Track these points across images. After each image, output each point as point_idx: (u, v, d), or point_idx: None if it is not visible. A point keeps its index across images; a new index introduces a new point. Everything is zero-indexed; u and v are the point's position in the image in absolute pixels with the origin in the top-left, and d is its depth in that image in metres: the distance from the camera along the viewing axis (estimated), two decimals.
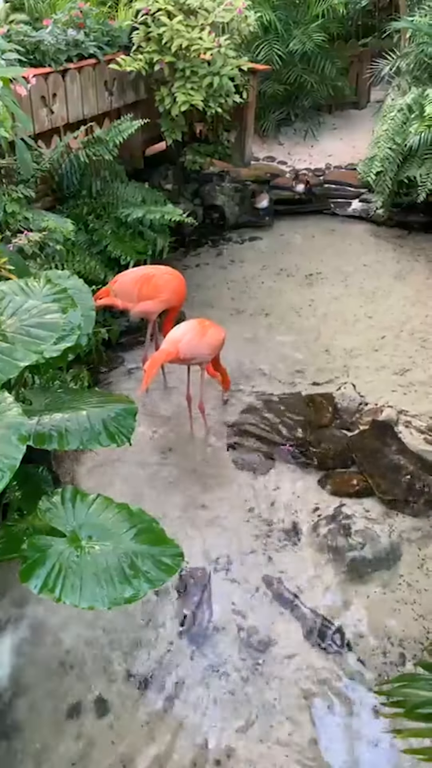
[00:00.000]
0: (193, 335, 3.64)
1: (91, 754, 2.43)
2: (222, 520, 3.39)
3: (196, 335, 3.65)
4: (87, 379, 3.92)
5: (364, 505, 3.48)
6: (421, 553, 3.23)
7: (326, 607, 2.95)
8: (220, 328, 3.82)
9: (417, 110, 5.70)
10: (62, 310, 2.43)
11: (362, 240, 6.40)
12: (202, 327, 3.71)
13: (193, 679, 2.67)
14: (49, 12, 5.11)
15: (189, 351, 3.62)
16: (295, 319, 5.15)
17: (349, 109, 8.24)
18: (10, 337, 2.24)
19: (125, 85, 5.34)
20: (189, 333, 3.65)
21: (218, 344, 3.76)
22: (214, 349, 3.75)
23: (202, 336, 3.66)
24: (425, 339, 4.87)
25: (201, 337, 3.65)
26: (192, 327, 3.70)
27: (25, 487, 2.68)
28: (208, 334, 3.69)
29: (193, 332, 3.65)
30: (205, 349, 3.68)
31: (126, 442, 2.47)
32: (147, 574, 2.10)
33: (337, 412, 4.11)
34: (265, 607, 2.95)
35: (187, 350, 3.61)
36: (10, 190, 4.06)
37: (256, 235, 6.47)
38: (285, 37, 7.07)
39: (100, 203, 4.92)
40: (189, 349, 3.62)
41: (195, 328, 3.68)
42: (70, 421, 2.48)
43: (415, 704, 1.76)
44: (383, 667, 2.72)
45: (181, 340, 3.62)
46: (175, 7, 5.04)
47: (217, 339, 3.73)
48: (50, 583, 2.02)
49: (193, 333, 3.65)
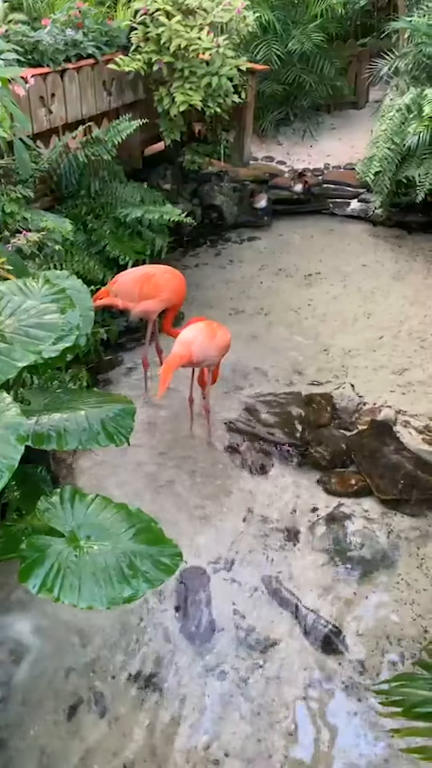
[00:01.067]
0: (204, 338, 3.60)
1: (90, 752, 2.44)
2: (221, 520, 3.39)
3: (207, 337, 3.60)
4: (86, 379, 3.92)
5: (363, 505, 3.48)
6: (419, 552, 3.23)
7: (325, 607, 2.96)
8: (226, 329, 3.81)
9: (415, 110, 5.70)
10: (61, 311, 2.43)
11: (361, 240, 6.41)
12: (211, 329, 3.67)
13: (193, 678, 2.67)
14: (47, 12, 5.11)
15: (201, 353, 3.58)
16: (293, 319, 5.15)
17: (348, 109, 8.24)
18: (8, 338, 2.24)
19: (124, 85, 5.34)
20: (200, 335, 3.60)
21: (226, 346, 3.73)
22: (222, 351, 3.72)
23: (213, 338, 3.63)
24: (424, 339, 4.88)
25: (212, 339, 3.62)
26: (202, 329, 3.65)
27: (23, 487, 2.68)
28: (218, 336, 3.66)
29: (204, 335, 3.61)
30: (215, 351, 3.65)
31: (124, 442, 2.47)
32: (146, 574, 2.10)
33: (336, 412, 4.11)
34: (264, 607, 2.96)
35: (200, 353, 3.57)
36: (8, 190, 4.06)
37: (255, 235, 6.47)
38: (284, 37, 7.07)
39: (98, 203, 4.92)
40: (201, 351, 3.57)
41: (205, 331, 3.64)
42: (68, 421, 2.48)
43: (413, 703, 1.76)
44: (382, 667, 2.72)
45: (193, 342, 3.57)
46: (173, 7, 5.03)
47: (225, 341, 3.70)
48: (49, 582, 2.02)
49: (204, 335, 3.61)
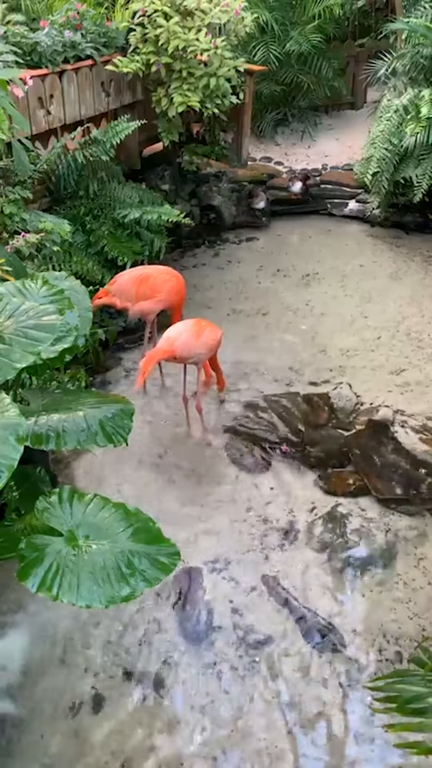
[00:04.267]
0: (189, 335, 3.67)
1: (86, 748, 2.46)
2: (219, 519, 3.41)
3: (192, 335, 3.68)
4: (84, 379, 3.93)
5: (360, 504, 3.50)
6: (417, 551, 3.25)
7: (323, 606, 2.97)
8: (217, 327, 3.85)
9: (413, 111, 5.72)
10: (59, 312, 2.44)
11: (359, 240, 6.43)
12: (199, 327, 3.74)
13: (191, 676, 2.69)
14: (46, 13, 5.12)
15: (185, 350, 3.65)
16: (291, 319, 5.17)
17: (346, 110, 8.27)
18: (7, 339, 2.25)
19: (122, 86, 5.36)
20: (185, 332, 3.68)
21: (214, 344, 3.79)
22: (210, 349, 3.78)
23: (198, 336, 3.69)
24: (421, 339, 4.90)
25: (197, 337, 3.68)
26: (188, 327, 3.73)
27: (22, 487, 2.70)
28: (205, 334, 3.71)
29: (190, 332, 3.69)
30: (202, 348, 3.71)
31: (123, 442, 2.49)
32: (143, 573, 2.12)
33: (334, 411, 4.13)
34: (262, 606, 2.97)
35: (183, 349, 3.64)
36: (7, 191, 4.07)
37: (253, 236, 6.49)
38: (281, 38, 7.10)
39: (97, 204, 4.93)
40: (185, 348, 3.65)
41: (191, 328, 3.71)
42: (67, 421, 2.49)
43: (407, 699, 1.79)
44: (379, 665, 2.74)
45: (177, 338, 3.65)
46: (171, 8, 5.05)
47: (213, 339, 3.76)
48: (48, 581, 2.04)
49: (190, 333, 3.68)
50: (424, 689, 1.84)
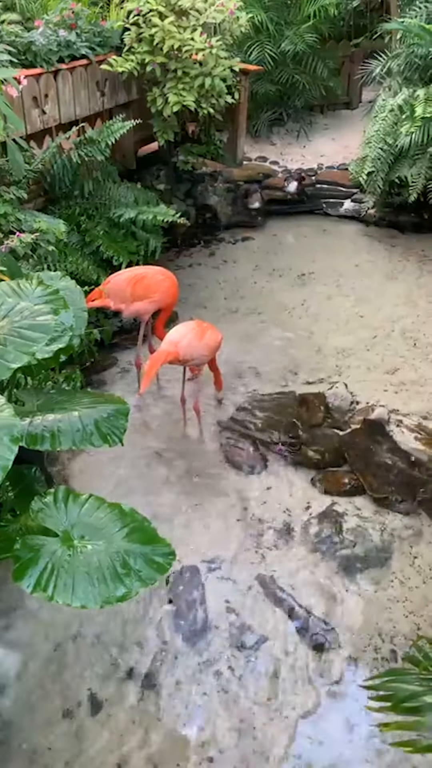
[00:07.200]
0: (192, 337, 3.67)
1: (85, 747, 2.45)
2: (215, 519, 3.41)
3: (195, 337, 3.68)
4: (79, 379, 3.93)
5: (356, 504, 3.51)
6: (412, 551, 3.26)
7: (318, 605, 2.98)
8: (217, 330, 3.86)
9: (408, 111, 5.73)
10: (54, 312, 2.44)
11: (354, 240, 6.44)
12: (201, 328, 3.74)
13: (188, 676, 2.69)
14: (40, 12, 5.12)
15: (188, 352, 3.65)
16: (287, 319, 5.17)
17: (341, 110, 8.28)
18: (2, 339, 2.25)
19: (117, 86, 5.35)
20: (188, 334, 3.68)
21: (216, 346, 3.80)
22: (212, 351, 3.79)
23: (201, 337, 3.70)
24: (416, 338, 4.91)
25: (200, 339, 3.69)
26: (191, 328, 3.73)
27: (18, 487, 2.69)
28: (207, 336, 3.72)
29: (193, 334, 3.69)
30: (204, 350, 3.71)
31: (118, 442, 2.49)
32: (139, 573, 2.12)
33: (329, 411, 4.13)
34: (258, 605, 2.98)
35: (187, 351, 3.64)
36: (2, 191, 4.07)
37: (249, 235, 6.49)
38: (277, 38, 7.10)
39: (92, 204, 4.93)
40: (188, 350, 3.65)
41: (194, 330, 3.72)
42: (62, 421, 2.49)
43: (402, 698, 1.79)
44: (374, 664, 2.75)
45: (181, 341, 3.65)
46: (166, 8, 5.05)
47: (214, 341, 3.77)
48: (43, 582, 2.04)
49: (193, 334, 3.69)
50: (419, 688, 1.84)
